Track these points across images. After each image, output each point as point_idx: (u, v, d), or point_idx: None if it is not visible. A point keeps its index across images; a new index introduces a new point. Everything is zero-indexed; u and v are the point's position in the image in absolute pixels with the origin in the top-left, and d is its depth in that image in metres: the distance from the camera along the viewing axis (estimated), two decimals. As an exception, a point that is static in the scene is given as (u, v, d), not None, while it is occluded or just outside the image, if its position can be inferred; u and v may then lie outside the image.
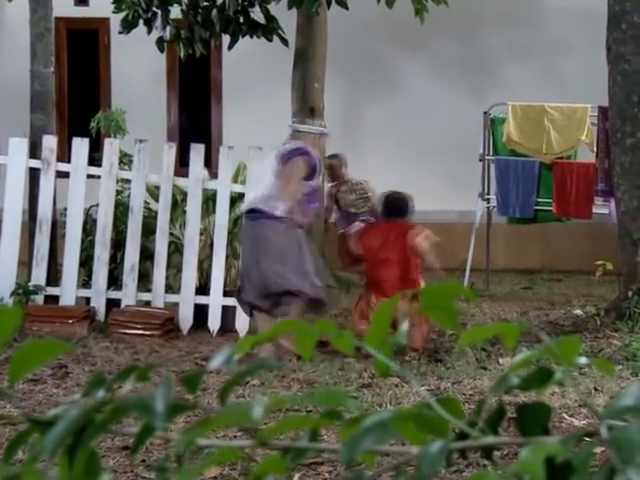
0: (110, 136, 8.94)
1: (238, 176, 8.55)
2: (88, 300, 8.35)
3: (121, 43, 11.37)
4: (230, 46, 9.66)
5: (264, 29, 9.59)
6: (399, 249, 7.36)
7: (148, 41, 9.68)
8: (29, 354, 1.14)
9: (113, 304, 8.22)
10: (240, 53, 10.55)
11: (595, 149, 10.11)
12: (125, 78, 12.48)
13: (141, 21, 9.58)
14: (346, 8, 9.29)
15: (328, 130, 7.50)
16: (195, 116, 12.90)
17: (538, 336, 6.85)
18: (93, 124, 9.33)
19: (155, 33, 9.64)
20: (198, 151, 8.38)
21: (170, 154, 8.36)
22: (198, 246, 8.31)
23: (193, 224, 8.31)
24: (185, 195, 8.39)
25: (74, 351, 6.98)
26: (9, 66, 12.00)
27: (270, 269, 7.00)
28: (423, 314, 1.23)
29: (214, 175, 8.54)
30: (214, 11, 9.35)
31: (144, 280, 8.44)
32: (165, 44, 9.79)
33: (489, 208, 10.87)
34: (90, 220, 8.50)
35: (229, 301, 8.13)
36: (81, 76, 12.90)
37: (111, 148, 8.41)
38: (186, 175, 8.36)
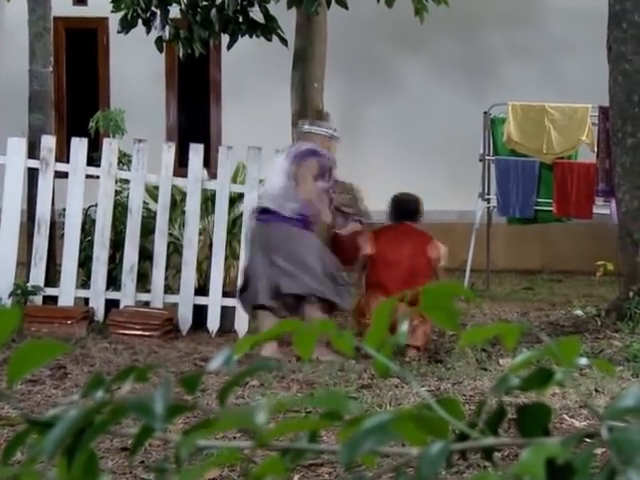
0: (109, 136, 8.93)
1: (237, 176, 8.54)
2: (87, 301, 8.34)
3: (120, 43, 11.34)
4: (229, 46, 9.64)
5: (263, 29, 9.57)
6: (409, 252, 7.34)
7: (147, 41, 9.66)
8: (28, 355, 1.15)
9: (112, 305, 8.21)
10: (239, 53, 10.53)
11: (596, 149, 10.10)
12: (124, 78, 12.47)
13: (140, 21, 9.55)
14: (346, 8, 9.27)
15: (338, 134, 7.50)
16: (194, 116, 12.88)
17: (538, 337, 6.85)
18: (92, 124, 9.31)
19: (154, 33, 9.62)
20: (197, 151, 8.36)
21: (169, 154, 8.35)
22: (197, 246, 8.30)
23: (192, 224, 8.30)
24: (184, 195, 8.38)
25: (73, 352, 6.96)
26: (7, 66, 11.98)
27: (283, 271, 7.00)
28: (423, 314, 1.22)
29: (213, 175, 8.54)
30: (213, 11, 9.32)
31: (143, 280, 8.44)
32: (164, 44, 9.76)
33: (489, 208, 10.86)
34: (89, 220, 8.49)
35: (228, 301, 8.14)
36: (80, 76, 12.89)
37: (110, 148, 8.40)
38: (185, 175, 8.35)
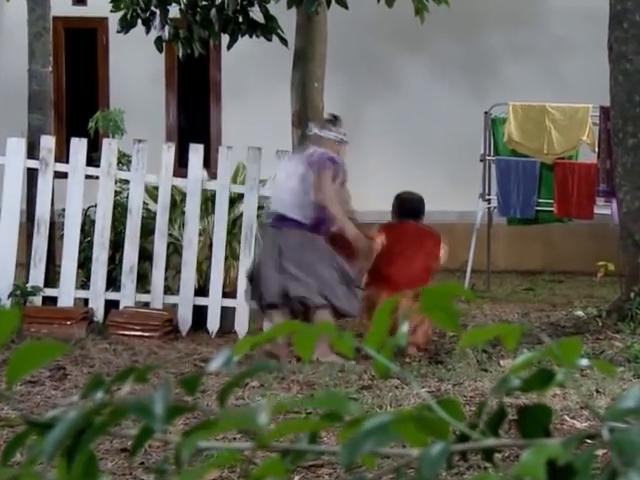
0: (108, 136, 8.91)
1: (237, 176, 8.52)
2: (86, 301, 8.32)
3: (119, 43, 11.33)
4: (229, 46, 9.63)
5: (263, 29, 9.55)
6: (421, 251, 7.35)
7: (147, 41, 9.65)
8: (27, 356, 1.15)
9: (112, 305, 8.19)
10: (239, 53, 10.51)
11: (597, 149, 10.09)
12: (123, 78, 12.45)
13: (139, 20, 9.55)
14: (346, 7, 9.26)
15: (347, 138, 7.52)
16: (194, 116, 12.87)
17: (539, 338, 6.84)
18: (91, 124, 9.30)
19: (154, 33, 9.61)
20: (197, 151, 8.35)
21: (169, 154, 8.33)
22: (197, 247, 8.29)
23: (192, 225, 8.28)
24: (184, 196, 8.37)
25: (72, 353, 6.95)
26: (7, 66, 11.97)
27: (292, 277, 7.03)
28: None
29: (213, 175, 8.53)
30: (213, 10, 9.32)
31: (143, 281, 8.42)
32: (164, 44, 9.76)
33: (490, 209, 10.85)
34: (88, 221, 8.48)
35: (228, 302, 8.13)
36: (79, 76, 12.87)
37: (109, 148, 8.38)
38: (185, 175, 8.34)
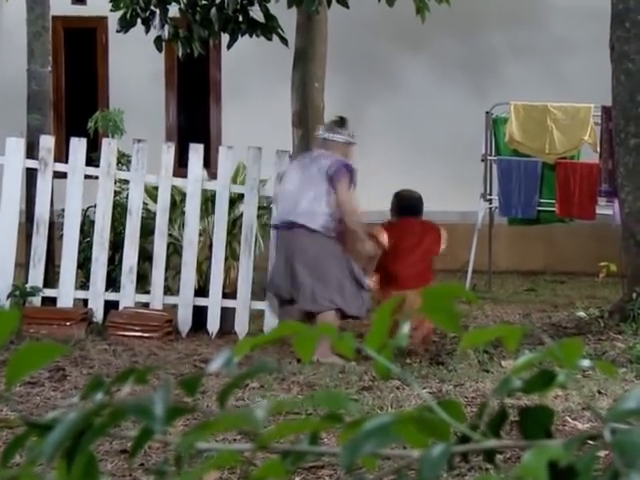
0: (108, 136, 8.90)
1: (237, 176, 8.51)
2: (86, 302, 8.30)
3: (119, 42, 11.31)
4: (229, 45, 9.60)
5: (263, 28, 9.52)
6: (424, 246, 7.35)
7: (146, 40, 9.63)
8: (26, 357, 1.16)
9: (111, 306, 8.18)
10: (239, 52, 10.49)
11: (599, 149, 10.07)
12: (123, 77, 12.44)
13: (139, 20, 9.52)
14: (346, 7, 9.23)
15: (355, 140, 7.57)
16: (194, 116, 12.85)
17: (541, 338, 6.81)
18: (91, 124, 9.29)
19: (153, 32, 9.59)
20: (197, 151, 8.33)
21: (169, 154, 8.31)
22: (197, 247, 8.28)
23: (192, 225, 8.27)
24: (184, 196, 8.35)
25: (72, 353, 6.94)
26: (6, 65, 11.96)
27: (301, 285, 7.09)
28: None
29: (213, 175, 8.52)
30: (213, 10, 9.28)
31: (142, 282, 8.41)
32: (163, 43, 9.73)
33: (491, 209, 10.83)
34: (88, 221, 8.46)
35: (228, 303, 8.12)
36: (79, 75, 12.87)
37: (109, 148, 8.36)
38: (185, 175, 8.32)
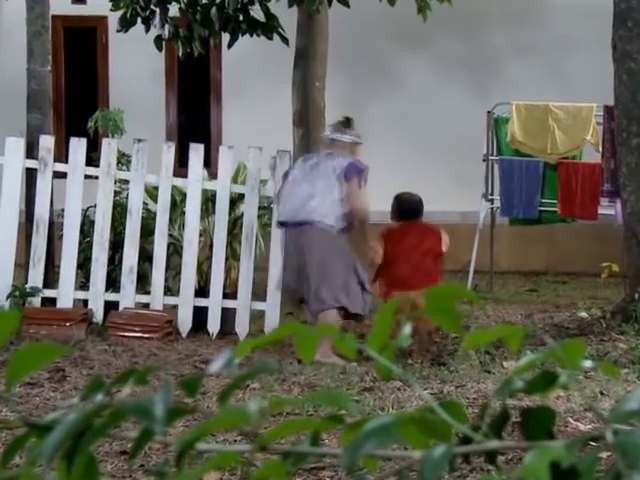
0: (108, 136, 8.89)
1: (238, 176, 8.50)
2: (86, 302, 8.29)
3: (119, 42, 11.31)
4: (230, 45, 9.59)
5: (264, 27, 9.51)
6: (425, 249, 7.35)
7: (146, 40, 9.62)
8: (26, 357, 1.16)
9: (111, 306, 8.17)
10: (240, 52, 10.48)
11: (601, 149, 10.05)
12: (123, 77, 12.43)
13: (139, 19, 9.52)
14: (347, 6, 9.22)
15: (361, 140, 7.62)
16: (194, 115, 12.84)
17: (543, 339, 6.80)
18: (91, 124, 9.28)
19: (153, 31, 9.59)
20: (197, 151, 8.32)
21: (169, 154, 8.30)
22: (197, 247, 8.26)
23: (192, 225, 8.26)
24: (184, 196, 8.34)
25: (71, 354, 6.94)
26: (5, 65, 11.95)
27: (308, 283, 7.12)
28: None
29: (213, 175, 8.50)
30: (213, 9, 9.27)
31: (143, 282, 8.40)
32: (163, 43, 9.73)
33: (493, 209, 10.81)
34: (88, 221, 8.45)
35: (229, 303, 8.11)
36: (78, 75, 12.87)
37: (109, 148, 8.35)
38: (185, 175, 8.31)
